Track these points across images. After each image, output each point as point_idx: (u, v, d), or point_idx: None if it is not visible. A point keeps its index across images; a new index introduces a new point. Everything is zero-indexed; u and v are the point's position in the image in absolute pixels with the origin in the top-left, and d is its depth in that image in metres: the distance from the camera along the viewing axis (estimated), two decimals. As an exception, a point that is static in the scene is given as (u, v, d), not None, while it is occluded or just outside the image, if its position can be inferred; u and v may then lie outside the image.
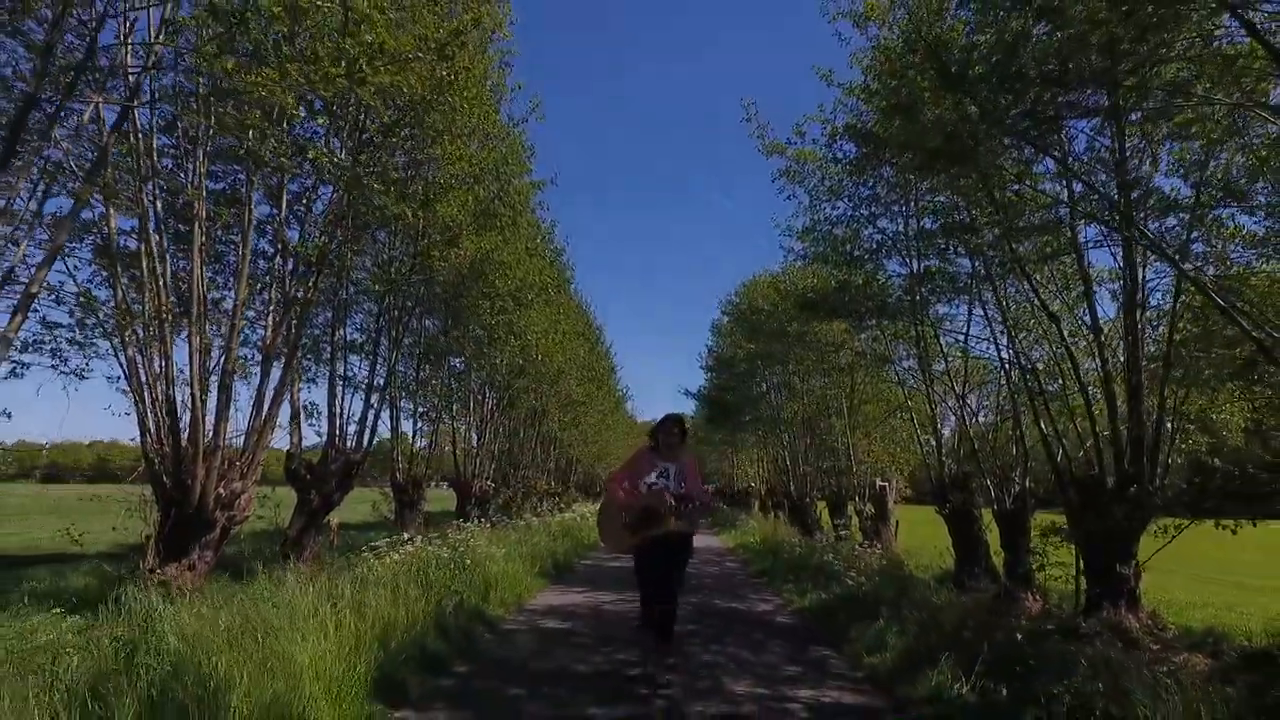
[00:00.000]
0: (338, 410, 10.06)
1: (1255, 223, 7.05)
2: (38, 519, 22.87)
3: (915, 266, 9.82)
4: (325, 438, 10.05)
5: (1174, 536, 6.67)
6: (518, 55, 7.41)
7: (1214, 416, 8.23)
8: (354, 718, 3.32)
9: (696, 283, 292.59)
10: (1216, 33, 4.64)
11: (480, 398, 16.14)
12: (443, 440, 15.64)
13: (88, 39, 4.16)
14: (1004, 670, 3.89)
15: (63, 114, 4.24)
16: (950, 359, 11.21)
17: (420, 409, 13.85)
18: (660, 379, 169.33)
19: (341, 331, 10.17)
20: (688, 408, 33.36)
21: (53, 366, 6.36)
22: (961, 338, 10.84)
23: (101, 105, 4.59)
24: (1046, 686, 3.45)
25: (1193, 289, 6.75)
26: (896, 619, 5.43)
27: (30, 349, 6.20)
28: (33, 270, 4.67)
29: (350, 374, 10.60)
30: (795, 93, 23.28)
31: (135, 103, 4.56)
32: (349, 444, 10.12)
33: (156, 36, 4.53)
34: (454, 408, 15.23)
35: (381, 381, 10.37)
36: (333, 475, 9.72)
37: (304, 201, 7.69)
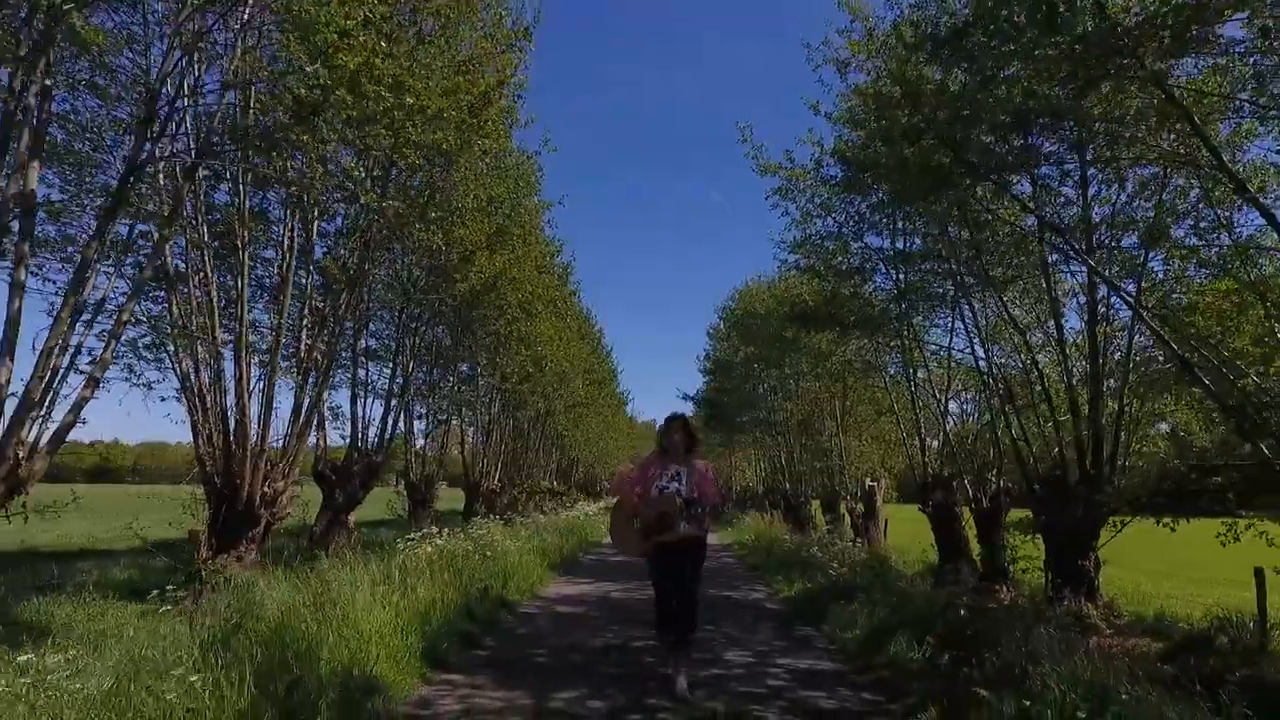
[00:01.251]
0: (359, 414, 10.82)
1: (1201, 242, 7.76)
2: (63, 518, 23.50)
3: (898, 279, 10.55)
4: (348, 440, 10.80)
5: (1118, 531, 7.41)
6: (528, 88, 8.08)
7: (1165, 424, 8.95)
8: (411, 675, 4.05)
9: (694, 280, 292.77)
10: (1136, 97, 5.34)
11: (488, 400, 16.89)
12: (450, 441, 16.40)
13: (168, 106, 4.87)
14: (951, 641, 4.63)
15: (148, 167, 4.97)
16: (931, 368, 11.93)
17: (432, 413, 14.59)
18: (660, 378, 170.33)
19: (363, 341, 10.92)
20: (686, 410, 34.09)
21: (126, 379, 7.08)
22: (942, 348, 11.61)
23: (176, 160, 5.32)
24: (979, 652, 4.19)
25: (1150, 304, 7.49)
26: (870, 604, 6.16)
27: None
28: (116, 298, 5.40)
29: (369, 380, 11.34)
30: (794, 90, 23.95)
31: (204, 160, 5.28)
32: (369, 446, 10.87)
33: (228, 104, 5.27)
34: (463, 411, 15.97)
35: (399, 387, 11.12)
36: (356, 475, 10.46)
37: (324, 218, 8.41)
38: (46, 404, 4.52)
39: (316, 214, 7.35)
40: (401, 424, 13.51)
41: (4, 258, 4.60)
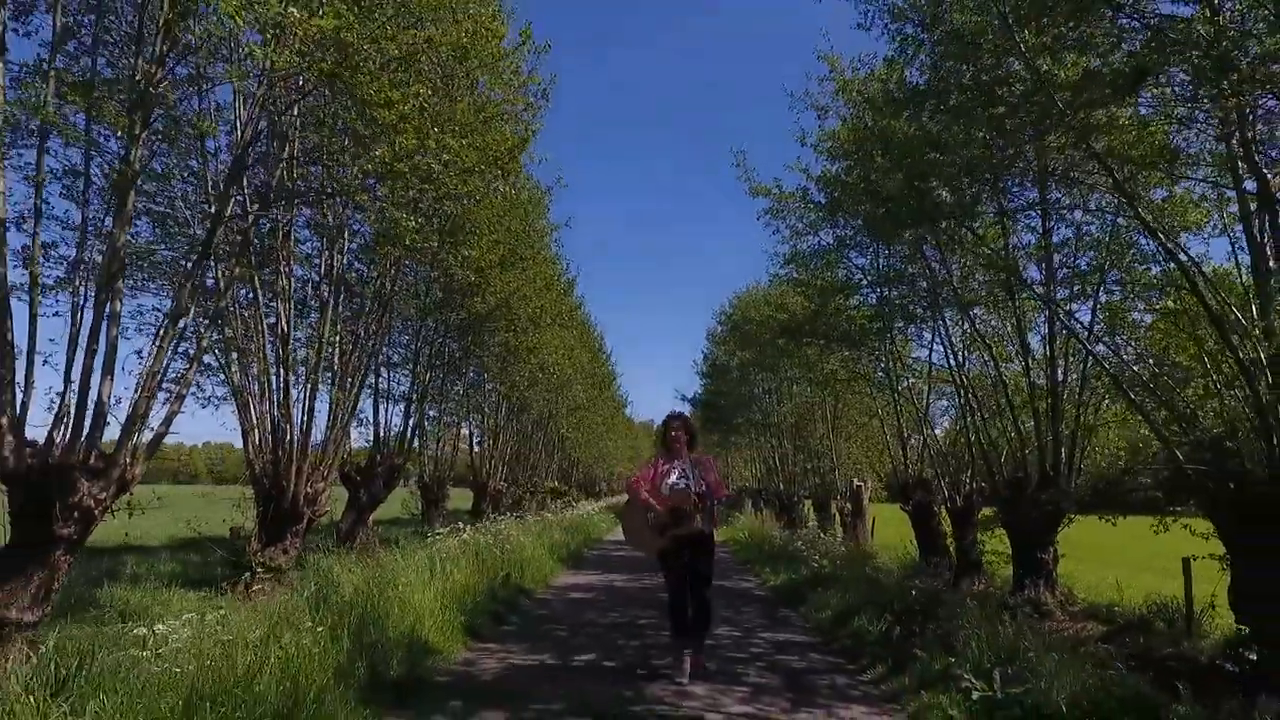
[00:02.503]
0: (381, 420, 11.71)
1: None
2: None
3: (880, 296, 11.44)
4: (371, 443, 11.69)
5: (1068, 524, 8.32)
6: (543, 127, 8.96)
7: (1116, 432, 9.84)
8: (455, 643, 4.95)
9: (691, 273, 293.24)
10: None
11: (494, 405, 17.78)
12: (458, 444, 17.30)
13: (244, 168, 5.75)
14: (903, 618, 5.54)
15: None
16: (911, 380, 12.83)
17: (442, 417, 15.48)
18: (658, 377, 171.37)
19: (385, 351, 11.80)
20: (684, 411, 35.00)
21: (193, 395, 7.97)
22: (921, 361, 12.52)
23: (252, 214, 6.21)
24: (924, 625, 5.09)
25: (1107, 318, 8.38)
26: (843, 590, 7.07)
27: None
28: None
29: (389, 387, 12.23)
30: (785, 85, 24.70)
31: (268, 211, 6.17)
32: (390, 448, 11.76)
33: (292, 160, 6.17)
34: (470, 415, 16.88)
35: (417, 394, 12.02)
36: (379, 476, 11.35)
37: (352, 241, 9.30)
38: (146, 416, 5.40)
39: (347, 242, 8.26)
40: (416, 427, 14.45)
41: (110, 295, 5.44)
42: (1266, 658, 4.56)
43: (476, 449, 17.81)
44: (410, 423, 11.89)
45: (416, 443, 12.65)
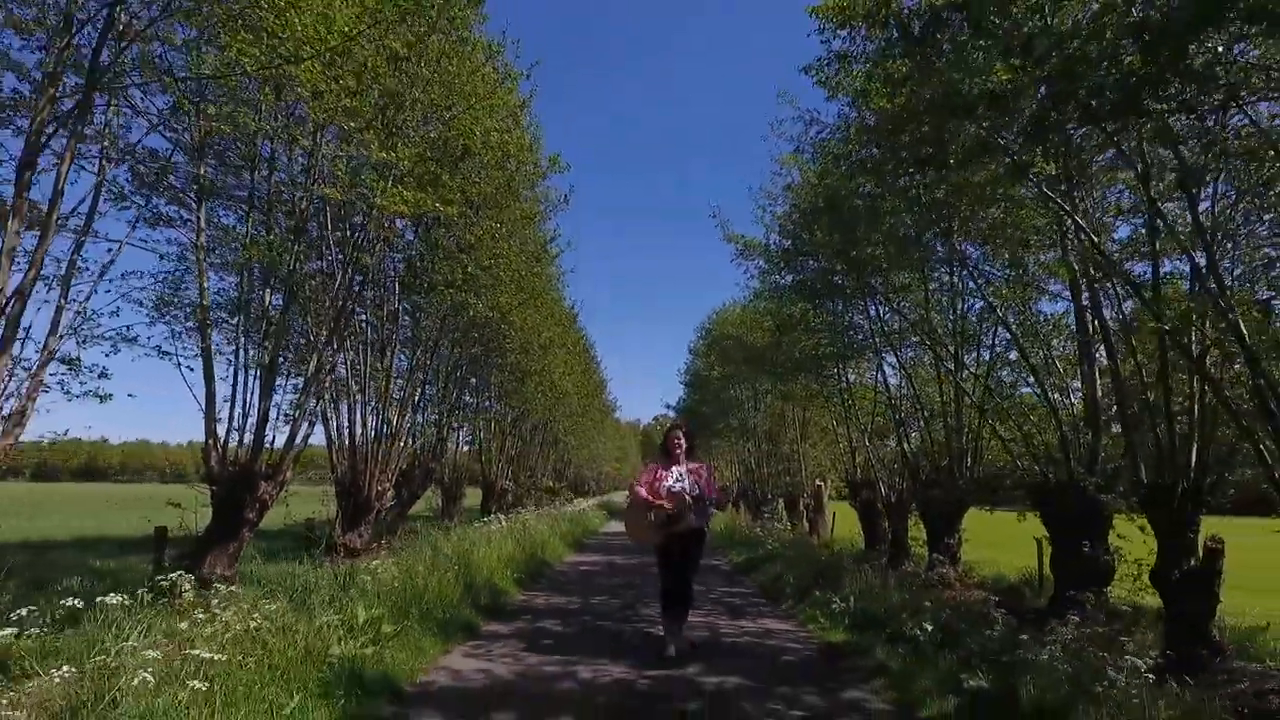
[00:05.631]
0: (417, 432, 14.11)
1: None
2: (74, 511, 26.45)
3: (829, 332, 13.97)
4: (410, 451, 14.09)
5: (960, 515, 10.92)
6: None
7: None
8: (514, 589, 7.42)
9: (685, 268, 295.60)
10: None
11: (501, 414, 20.20)
12: (471, 448, 19.72)
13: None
14: (818, 578, 8.08)
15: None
16: (858, 398, 15.41)
17: (460, 426, 17.90)
18: (644, 376, 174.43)
19: (420, 374, 14.21)
20: (682, 421, 37.64)
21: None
22: (868, 382, 15.09)
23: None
24: (839, 585, 7.61)
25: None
26: (785, 564, 9.60)
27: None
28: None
29: (423, 403, 14.65)
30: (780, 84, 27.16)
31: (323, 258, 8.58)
32: (425, 455, 14.18)
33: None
34: (479, 424, 19.32)
35: (445, 411, 14.45)
36: (417, 478, 13.77)
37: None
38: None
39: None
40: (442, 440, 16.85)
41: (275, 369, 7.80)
42: (1062, 600, 7.07)
43: (485, 453, 20.24)
44: (439, 434, 14.31)
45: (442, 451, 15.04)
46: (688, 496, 5.12)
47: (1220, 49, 3.38)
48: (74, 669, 2.74)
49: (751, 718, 3.88)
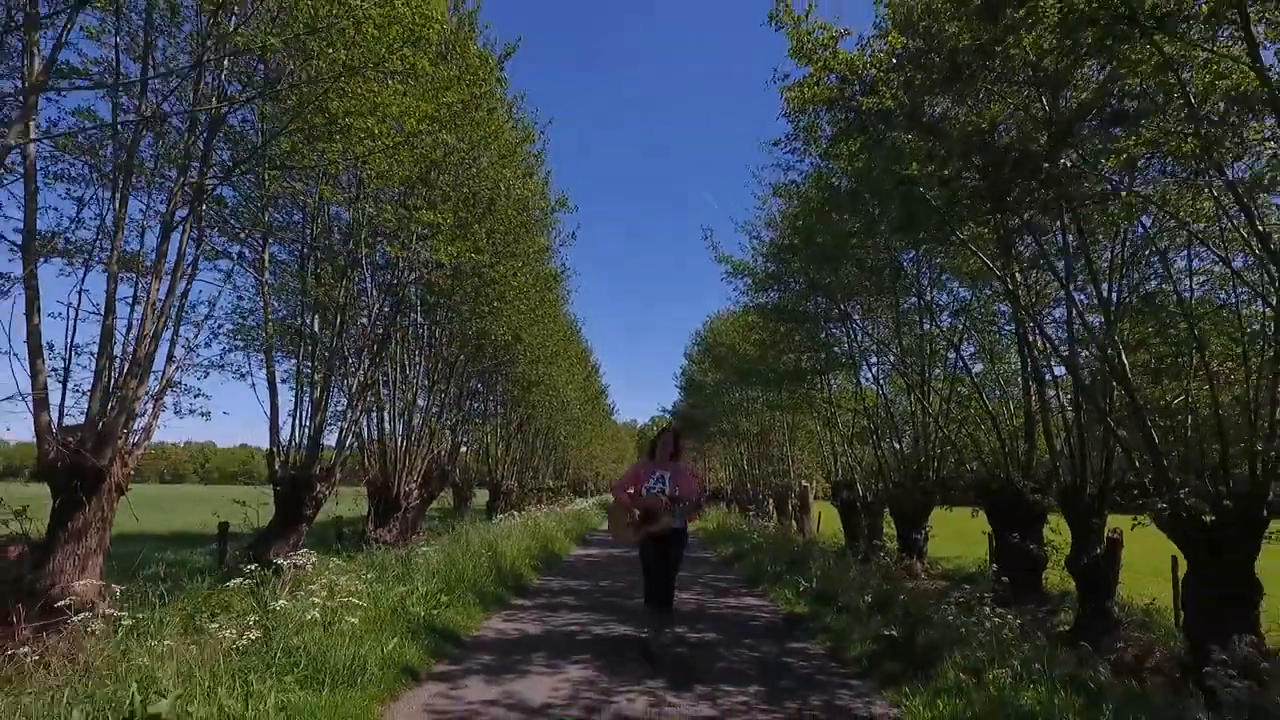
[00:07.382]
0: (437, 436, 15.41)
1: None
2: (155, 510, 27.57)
3: (811, 347, 15.31)
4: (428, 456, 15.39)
5: (926, 514, 12.27)
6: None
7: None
8: (533, 574, 8.73)
9: (681, 265, 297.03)
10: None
11: (506, 418, 21.50)
12: (480, 451, 21.02)
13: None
14: (791, 563, 9.42)
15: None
16: (840, 408, 16.77)
17: (471, 432, 19.20)
18: (640, 375, 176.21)
19: (441, 386, 15.53)
20: (671, 426, 39.02)
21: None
22: (849, 391, 16.43)
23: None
24: (801, 565, 8.94)
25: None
26: (766, 555, 10.93)
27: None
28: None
29: (441, 413, 15.96)
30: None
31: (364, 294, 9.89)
32: (442, 459, 15.48)
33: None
34: (487, 429, 20.62)
35: (457, 421, 15.77)
36: (434, 480, 15.07)
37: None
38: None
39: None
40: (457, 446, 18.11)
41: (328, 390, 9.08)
42: (1005, 588, 8.40)
43: (492, 455, 21.53)
44: (454, 439, 15.61)
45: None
46: (664, 498, 5.28)
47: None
48: (256, 615, 4.06)
49: (723, 657, 5.24)
